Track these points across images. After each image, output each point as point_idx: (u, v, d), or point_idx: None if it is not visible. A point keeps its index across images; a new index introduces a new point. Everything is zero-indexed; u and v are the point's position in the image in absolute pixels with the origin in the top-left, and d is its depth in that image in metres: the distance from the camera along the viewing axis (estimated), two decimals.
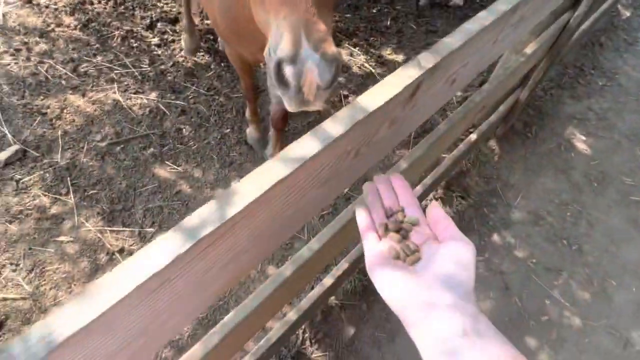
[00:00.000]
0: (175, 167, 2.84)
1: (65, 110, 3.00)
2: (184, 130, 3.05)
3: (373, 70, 3.67)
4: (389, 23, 4.18)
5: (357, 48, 3.85)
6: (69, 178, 2.68)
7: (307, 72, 0.88)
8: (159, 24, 3.68)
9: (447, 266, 0.60)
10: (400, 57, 3.88)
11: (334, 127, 0.78)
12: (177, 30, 3.68)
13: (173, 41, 3.60)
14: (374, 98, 0.85)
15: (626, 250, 2.88)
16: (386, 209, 0.77)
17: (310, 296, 1.86)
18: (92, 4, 3.69)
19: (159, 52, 3.50)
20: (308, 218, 0.93)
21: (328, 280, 1.93)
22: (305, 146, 0.72)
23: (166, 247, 0.59)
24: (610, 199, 3.20)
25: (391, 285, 0.61)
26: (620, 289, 2.69)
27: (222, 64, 3.48)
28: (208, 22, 3.66)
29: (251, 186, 0.66)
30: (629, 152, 3.54)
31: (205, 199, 2.72)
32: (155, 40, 3.57)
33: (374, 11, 4.30)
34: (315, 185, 0.82)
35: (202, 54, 3.53)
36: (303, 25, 0.89)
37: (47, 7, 3.58)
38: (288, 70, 0.90)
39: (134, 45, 3.48)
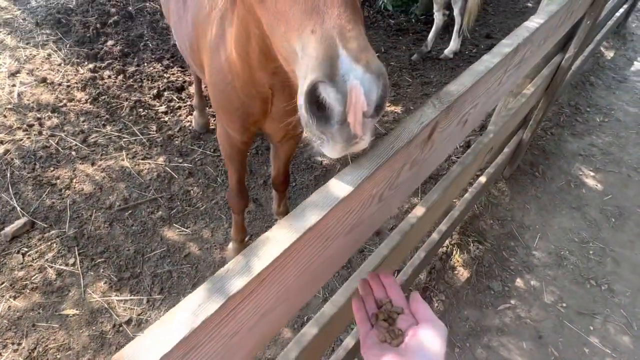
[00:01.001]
0: (184, 229, 2.80)
1: (74, 180, 3.03)
2: (191, 191, 3.05)
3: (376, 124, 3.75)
4: None
5: None
6: (76, 247, 2.63)
7: (351, 90, 0.65)
8: (165, 93, 3.85)
9: (422, 344, 0.75)
10: (399, 109, 4.00)
11: (358, 171, 0.76)
12: (183, 98, 3.84)
13: (179, 107, 3.74)
14: (394, 140, 0.84)
15: None
16: (377, 300, 0.92)
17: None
18: (102, 79, 3.89)
19: (166, 119, 3.62)
20: (335, 269, 0.87)
21: (350, 341, 1.80)
22: (333, 191, 0.70)
23: (191, 309, 0.54)
24: (631, 233, 3.10)
25: None
26: None
27: None
28: None
29: (281, 235, 0.62)
30: None
31: (215, 261, 2.64)
32: (163, 108, 3.70)
33: None
34: (343, 233, 0.78)
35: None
36: (337, 33, 0.69)
37: (60, 84, 3.77)
38: (326, 92, 0.67)
39: (142, 114, 3.61)
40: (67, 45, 4.20)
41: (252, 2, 0.90)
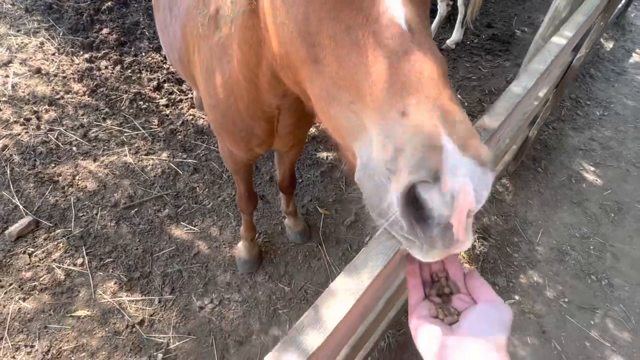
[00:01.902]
0: (192, 227, 2.79)
1: (77, 177, 2.97)
2: (197, 188, 3.02)
3: None
4: None
5: None
6: (83, 247, 2.60)
7: (460, 191, 0.54)
8: (166, 85, 3.76)
9: (481, 325, 0.65)
10: None
11: None
12: (184, 90, 3.75)
13: (180, 100, 3.66)
14: None
15: None
16: (432, 272, 0.82)
17: None
18: (99, 69, 3.77)
19: (168, 112, 3.55)
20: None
21: None
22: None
23: None
24: (630, 228, 3.18)
25: (430, 338, 0.66)
26: None
27: None
28: None
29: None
30: (639, 179, 3.57)
31: (225, 259, 2.64)
32: (163, 100, 3.62)
33: None
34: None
35: None
36: (439, 117, 0.56)
37: (55, 75, 3.65)
38: (430, 195, 0.55)
39: (143, 107, 3.53)
40: (60, 33, 4.05)
41: (294, 61, 0.75)
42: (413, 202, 0.57)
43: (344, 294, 0.62)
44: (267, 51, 0.94)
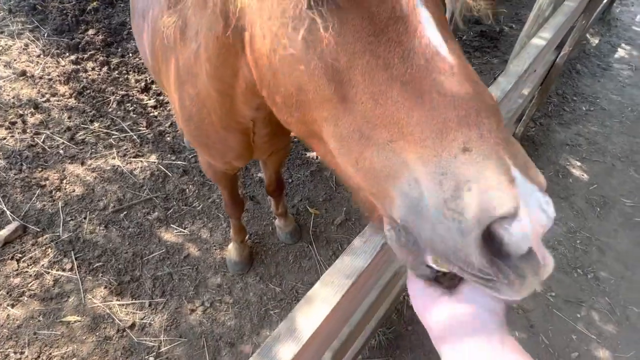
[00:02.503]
0: (182, 229, 2.78)
1: (64, 181, 2.95)
2: (187, 190, 3.01)
3: None
4: None
5: None
6: (72, 252, 2.59)
7: (535, 220, 0.53)
8: (153, 86, 3.73)
9: (479, 291, 0.64)
10: None
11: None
12: None
13: (169, 102, 3.63)
14: None
15: None
16: None
17: None
18: (86, 71, 3.74)
19: (156, 114, 3.53)
20: None
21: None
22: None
23: None
24: (615, 222, 3.23)
25: (439, 312, 0.65)
26: None
27: None
28: None
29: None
30: (624, 173, 3.63)
31: (216, 261, 2.64)
32: (152, 102, 3.60)
33: None
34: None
35: None
36: (504, 149, 0.55)
37: (41, 78, 3.60)
38: (508, 230, 0.53)
39: (130, 108, 3.50)
40: (45, 35, 4.00)
41: (308, 100, 0.67)
42: (487, 240, 0.54)
43: (320, 303, 0.63)
44: (243, 64, 0.91)
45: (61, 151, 3.11)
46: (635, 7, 6.32)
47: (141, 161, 3.15)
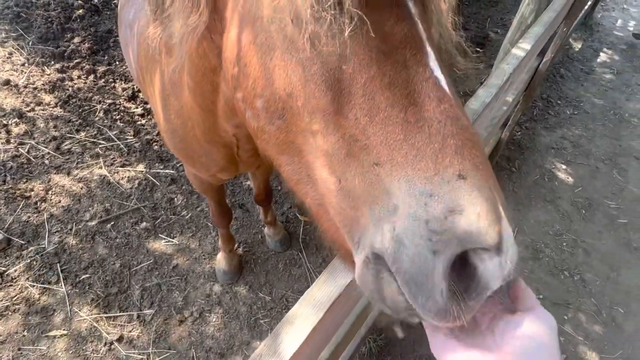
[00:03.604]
0: (170, 239, 2.76)
1: (50, 192, 2.90)
2: (175, 199, 2.99)
3: None
4: None
5: None
6: (58, 264, 2.55)
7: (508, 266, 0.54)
8: (140, 94, 3.70)
9: (525, 342, 0.58)
10: None
11: None
12: None
13: None
14: None
15: (626, 276, 2.93)
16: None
17: None
18: (72, 79, 3.70)
19: (143, 122, 3.50)
20: None
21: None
22: None
23: None
24: (600, 224, 3.29)
25: None
26: (629, 317, 2.70)
27: None
28: None
29: None
30: (607, 176, 3.70)
31: (205, 271, 2.63)
32: (139, 110, 3.57)
33: None
34: None
35: None
36: (493, 185, 0.57)
37: (25, 87, 3.55)
38: (486, 263, 0.53)
39: (117, 117, 3.47)
40: (30, 43, 3.95)
41: (298, 107, 0.64)
42: (455, 267, 0.54)
43: (301, 322, 0.64)
44: (221, 80, 0.91)
45: (46, 161, 3.07)
46: (617, 12, 6.48)
47: (128, 170, 3.12)
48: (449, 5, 0.68)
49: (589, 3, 5.15)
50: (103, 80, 3.75)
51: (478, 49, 4.92)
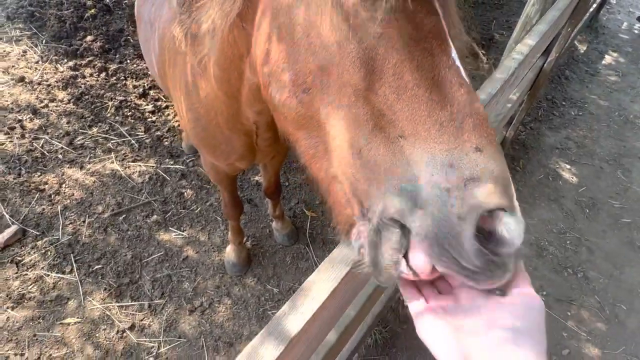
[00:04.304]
0: (180, 232, 2.82)
1: (63, 185, 2.98)
2: (185, 194, 3.06)
3: None
4: None
5: None
6: (72, 254, 2.61)
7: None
8: (151, 92, 3.78)
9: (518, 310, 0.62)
10: None
11: None
12: None
13: (167, 107, 3.69)
14: None
15: (629, 274, 2.96)
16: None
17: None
18: (84, 77, 3.78)
19: (154, 119, 3.57)
20: None
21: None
22: None
23: None
24: (604, 223, 3.32)
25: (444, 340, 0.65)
26: (632, 314, 2.73)
27: None
28: None
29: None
30: (612, 176, 3.73)
31: (214, 263, 2.68)
32: (149, 107, 3.64)
33: None
34: None
35: None
36: (504, 162, 0.63)
37: (39, 83, 3.64)
38: (508, 228, 0.57)
39: (128, 114, 3.55)
40: (44, 41, 4.04)
41: (331, 82, 0.69)
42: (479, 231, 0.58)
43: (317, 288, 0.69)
44: (246, 67, 0.97)
45: (60, 156, 3.15)
46: (622, 15, 6.50)
47: (139, 165, 3.19)
48: (459, 11, 0.77)
49: (594, 5, 5.19)
50: (115, 77, 3.83)
51: (483, 51, 4.96)
